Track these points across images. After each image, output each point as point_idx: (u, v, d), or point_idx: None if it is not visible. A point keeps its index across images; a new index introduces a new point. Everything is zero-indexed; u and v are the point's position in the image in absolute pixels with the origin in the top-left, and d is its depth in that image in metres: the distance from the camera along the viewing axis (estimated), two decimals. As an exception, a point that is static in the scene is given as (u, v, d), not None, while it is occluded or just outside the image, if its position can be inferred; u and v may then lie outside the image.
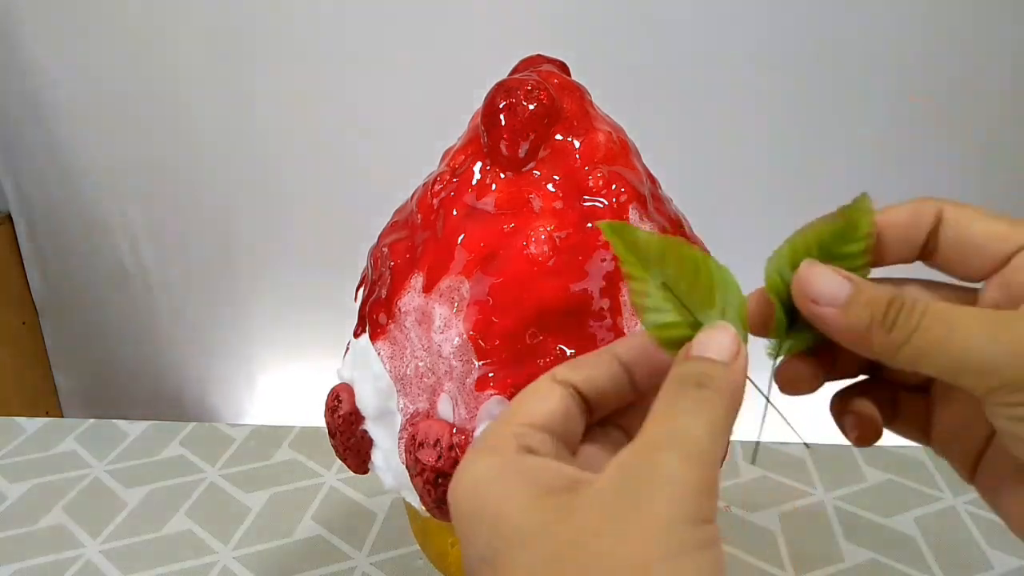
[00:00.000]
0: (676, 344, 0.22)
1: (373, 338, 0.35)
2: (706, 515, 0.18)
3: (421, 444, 0.32)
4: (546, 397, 0.22)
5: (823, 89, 0.83)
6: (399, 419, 0.34)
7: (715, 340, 0.21)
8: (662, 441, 0.19)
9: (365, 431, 0.36)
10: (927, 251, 0.23)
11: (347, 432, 0.36)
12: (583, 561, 0.17)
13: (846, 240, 0.23)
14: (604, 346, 0.24)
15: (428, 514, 0.34)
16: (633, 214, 0.33)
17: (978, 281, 0.23)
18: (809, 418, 0.27)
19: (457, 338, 0.32)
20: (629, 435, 0.24)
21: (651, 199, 0.34)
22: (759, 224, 0.89)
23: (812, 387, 0.24)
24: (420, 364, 0.33)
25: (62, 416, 1.11)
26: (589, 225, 0.32)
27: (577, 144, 0.34)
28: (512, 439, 0.21)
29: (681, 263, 0.23)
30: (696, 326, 0.22)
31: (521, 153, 0.33)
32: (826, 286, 0.22)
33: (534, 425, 0.21)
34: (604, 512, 0.18)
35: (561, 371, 0.23)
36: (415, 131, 0.71)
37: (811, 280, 0.22)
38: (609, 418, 0.24)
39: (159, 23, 0.86)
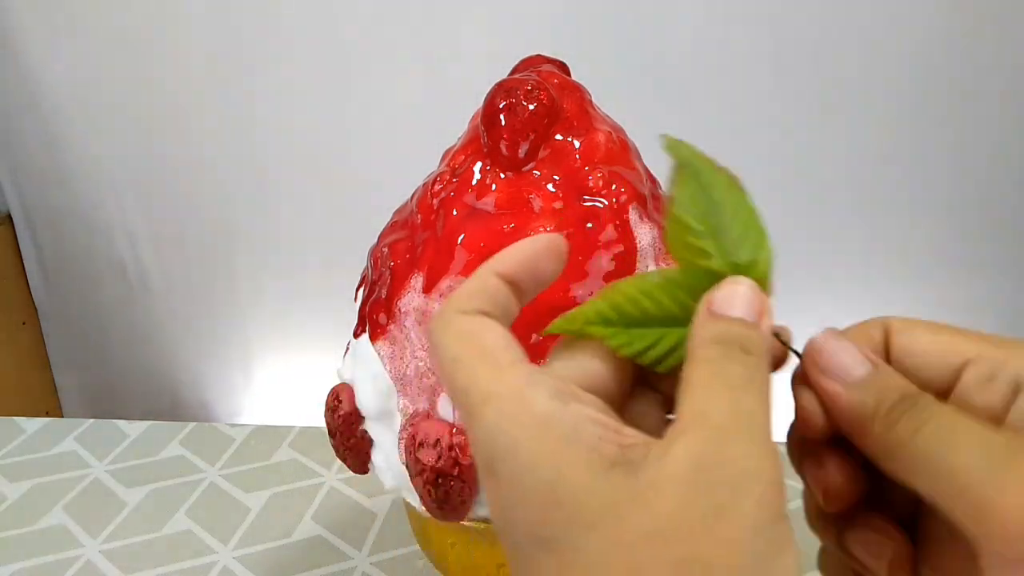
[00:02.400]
0: (699, 273, 0.21)
1: (373, 338, 0.35)
2: (785, 511, 0.17)
3: (421, 444, 0.32)
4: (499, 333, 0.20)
5: (824, 88, 0.83)
6: (399, 419, 0.34)
7: (740, 296, 0.19)
8: (729, 426, 0.17)
9: (365, 431, 0.36)
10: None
11: (347, 432, 0.36)
12: (665, 557, 0.16)
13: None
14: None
15: (428, 514, 0.34)
16: (633, 214, 0.33)
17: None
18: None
19: (457, 338, 0.32)
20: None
21: (651, 199, 0.34)
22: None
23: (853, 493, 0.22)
24: (420, 364, 0.33)
25: (62, 416, 1.11)
26: (589, 226, 0.32)
27: (577, 144, 0.34)
28: (543, 376, 0.18)
29: (729, 197, 0.22)
30: (728, 266, 0.21)
31: (521, 153, 0.33)
32: (842, 360, 0.20)
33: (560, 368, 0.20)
34: (684, 509, 0.16)
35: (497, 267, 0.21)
36: (415, 131, 0.71)
37: (826, 351, 0.20)
38: None
39: (159, 23, 0.86)
